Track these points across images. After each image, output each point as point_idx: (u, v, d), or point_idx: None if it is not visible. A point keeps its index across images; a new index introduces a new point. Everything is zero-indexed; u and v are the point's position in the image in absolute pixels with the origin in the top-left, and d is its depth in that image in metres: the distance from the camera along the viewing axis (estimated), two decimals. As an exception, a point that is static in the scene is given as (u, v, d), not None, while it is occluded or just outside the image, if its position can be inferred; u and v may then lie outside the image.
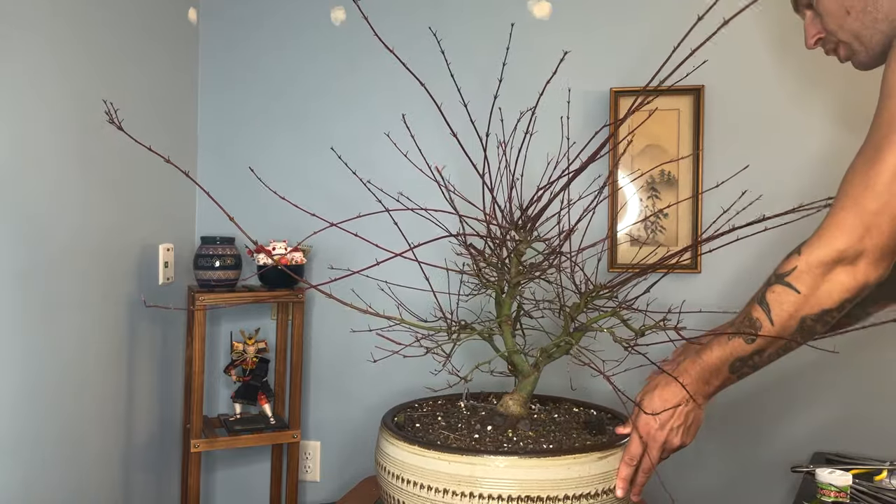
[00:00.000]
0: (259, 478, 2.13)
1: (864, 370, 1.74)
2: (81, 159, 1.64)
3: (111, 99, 1.74)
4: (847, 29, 1.16)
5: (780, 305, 1.09)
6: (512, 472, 1.14)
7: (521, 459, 1.14)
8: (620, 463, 1.21)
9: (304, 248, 1.91)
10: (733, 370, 1.16)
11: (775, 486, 1.79)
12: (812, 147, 1.77)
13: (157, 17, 1.93)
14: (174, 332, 2.05)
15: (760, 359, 1.14)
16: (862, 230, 1.03)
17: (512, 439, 1.25)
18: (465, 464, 1.15)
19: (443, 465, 1.16)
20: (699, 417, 1.22)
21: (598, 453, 1.19)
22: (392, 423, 1.32)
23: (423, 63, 2.01)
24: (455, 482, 1.15)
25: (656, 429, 1.19)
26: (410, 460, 1.20)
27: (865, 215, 1.03)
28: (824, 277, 1.06)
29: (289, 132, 2.09)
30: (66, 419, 1.61)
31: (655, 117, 1.80)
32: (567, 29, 1.92)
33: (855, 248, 1.04)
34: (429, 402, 1.49)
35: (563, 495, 1.14)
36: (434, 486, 1.17)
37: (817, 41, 1.23)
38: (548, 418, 1.36)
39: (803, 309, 1.08)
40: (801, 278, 1.08)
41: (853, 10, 1.14)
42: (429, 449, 1.19)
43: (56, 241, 1.57)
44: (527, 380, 1.34)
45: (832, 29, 1.18)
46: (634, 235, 1.85)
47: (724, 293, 1.79)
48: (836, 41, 1.20)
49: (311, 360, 2.10)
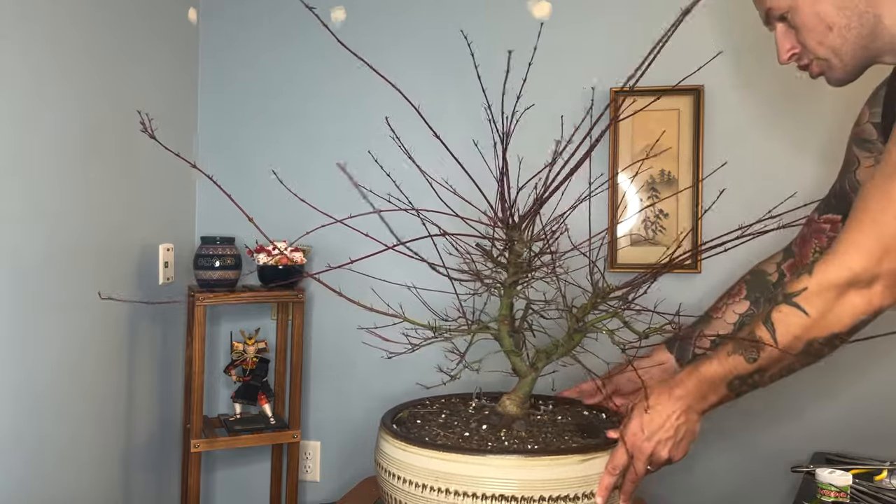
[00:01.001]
0: (259, 478, 2.13)
1: (864, 370, 1.74)
2: (82, 159, 1.64)
3: (112, 99, 1.74)
4: (827, 45, 1.11)
5: (787, 327, 1.03)
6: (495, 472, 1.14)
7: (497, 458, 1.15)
8: (604, 471, 1.17)
9: (303, 248, 1.91)
10: (732, 388, 1.11)
11: (775, 486, 1.78)
12: (812, 147, 1.77)
13: (157, 17, 1.93)
14: (174, 332, 2.05)
15: (761, 378, 1.09)
16: (880, 252, 0.97)
17: (500, 439, 1.25)
18: (462, 463, 1.16)
19: (438, 464, 1.17)
20: (692, 431, 1.16)
21: (580, 456, 1.17)
22: (391, 423, 1.32)
23: (424, 62, 2.01)
24: (455, 481, 1.15)
25: (643, 439, 1.14)
26: (408, 459, 1.20)
27: (885, 238, 0.96)
28: (836, 300, 1.00)
29: (289, 132, 2.09)
30: (66, 419, 1.61)
31: (655, 117, 1.80)
32: (567, 29, 1.92)
33: (871, 272, 0.98)
34: (440, 399, 1.49)
35: (548, 496, 1.14)
36: (434, 485, 1.17)
37: (791, 55, 1.17)
38: (550, 419, 1.36)
39: (811, 332, 1.02)
40: (811, 300, 1.01)
41: (836, 27, 1.09)
42: (423, 447, 1.19)
43: (56, 240, 1.57)
44: (524, 380, 1.34)
45: (809, 44, 1.13)
46: (634, 235, 1.85)
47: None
48: (812, 57, 1.15)
49: (311, 360, 2.10)
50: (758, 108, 1.80)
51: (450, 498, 1.15)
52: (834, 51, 1.11)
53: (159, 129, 1.95)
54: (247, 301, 1.89)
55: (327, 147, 2.07)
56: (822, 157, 1.76)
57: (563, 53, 1.90)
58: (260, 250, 1.88)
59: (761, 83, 1.80)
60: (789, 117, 1.79)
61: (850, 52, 1.11)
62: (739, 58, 1.80)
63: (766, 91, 1.80)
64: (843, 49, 1.11)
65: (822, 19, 1.10)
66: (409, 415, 1.40)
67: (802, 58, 1.17)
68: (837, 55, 1.12)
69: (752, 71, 1.80)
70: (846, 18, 1.09)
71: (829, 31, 1.10)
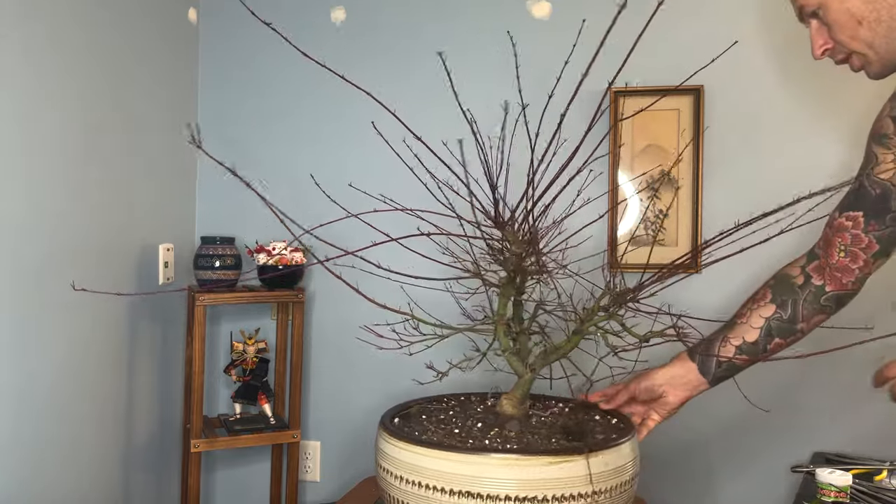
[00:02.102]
0: (259, 478, 2.13)
1: (864, 370, 1.74)
2: (82, 159, 1.64)
3: (112, 99, 1.74)
4: (860, 39, 1.13)
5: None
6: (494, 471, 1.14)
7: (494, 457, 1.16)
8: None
9: (303, 248, 1.91)
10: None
11: (775, 486, 1.78)
12: (812, 147, 1.77)
13: (157, 16, 1.93)
14: (174, 332, 2.05)
15: None
16: None
17: (488, 438, 1.26)
18: (459, 462, 1.16)
19: (434, 462, 1.17)
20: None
21: (549, 458, 1.16)
22: (390, 422, 1.33)
23: (424, 61, 2.01)
24: (455, 481, 1.15)
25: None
26: (407, 458, 1.20)
27: None
28: None
29: (289, 131, 2.09)
30: (66, 419, 1.61)
31: (655, 117, 1.80)
32: (567, 29, 1.92)
33: None
34: (458, 397, 1.49)
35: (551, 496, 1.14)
36: (433, 484, 1.17)
37: (825, 51, 1.19)
38: (547, 421, 1.36)
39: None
40: None
41: (865, 21, 1.11)
42: (419, 446, 1.19)
43: (56, 240, 1.57)
44: (521, 380, 1.34)
45: (842, 39, 1.15)
46: (634, 236, 1.85)
47: (725, 294, 1.79)
48: (848, 51, 1.16)
49: (311, 360, 2.10)
50: (758, 107, 1.80)
51: (452, 498, 1.16)
52: (868, 44, 1.13)
53: (160, 129, 1.96)
54: (247, 301, 1.89)
55: (327, 147, 2.07)
56: (823, 157, 1.76)
57: (562, 53, 1.90)
58: (260, 250, 1.88)
59: (761, 83, 1.80)
60: (790, 117, 1.79)
61: (883, 45, 1.12)
62: (739, 58, 1.80)
63: (766, 91, 1.80)
64: (875, 42, 1.12)
65: (852, 14, 1.12)
66: (418, 410, 1.41)
67: (837, 53, 1.19)
68: (872, 48, 1.13)
69: (753, 71, 1.80)
70: (875, 12, 1.10)
71: (858, 25, 1.12)
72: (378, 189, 1.59)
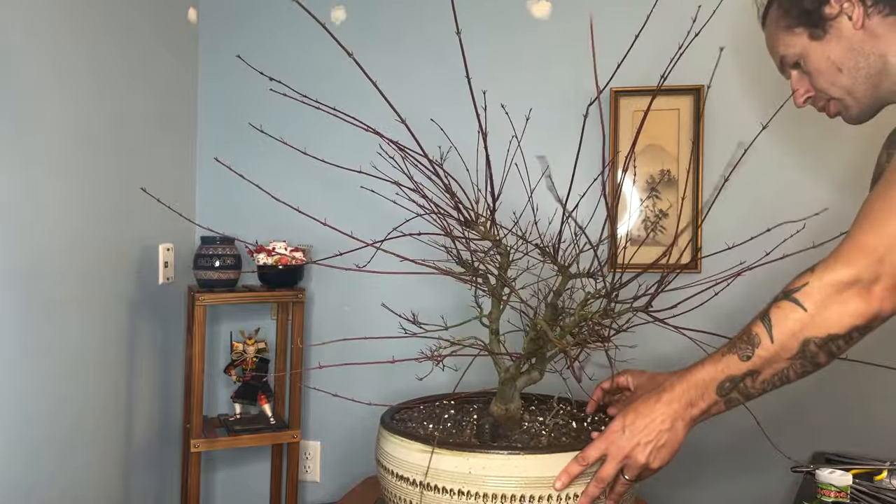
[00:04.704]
0: (259, 478, 2.13)
1: (864, 370, 1.74)
2: (82, 159, 1.64)
3: (112, 99, 1.74)
4: (839, 85, 1.15)
5: (784, 322, 1.02)
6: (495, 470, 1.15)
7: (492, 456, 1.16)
8: (572, 460, 1.14)
9: (303, 248, 1.91)
10: (721, 392, 1.07)
11: (775, 486, 1.78)
12: (812, 147, 1.77)
13: (157, 17, 1.93)
14: (174, 332, 2.05)
15: (753, 383, 1.07)
16: (883, 252, 0.97)
17: (470, 437, 1.28)
18: (460, 461, 1.16)
19: (435, 460, 1.17)
20: (674, 441, 1.10)
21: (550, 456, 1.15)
22: (391, 421, 1.33)
23: (424, 61, 2.01)
24: (455, 479, 1.16)
25: (623, 438, 1.10)
26: (408, 457, 1.21)
27: (887, 238, 0.98)
28: (835, 298, 0.99)
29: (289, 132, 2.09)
30: (66, 419, 1.61)
31: (655, 117, 1.79)
32: (566, 29, 1.92)
33: (873, 271, 0.98)
34: (458, 396, 1.50)
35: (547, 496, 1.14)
36: (434, 483, 1.17)
37: (807, 99, 1.21)
38: (545, 421, 1.37)
39: (808, 329, 1.01)
40: (811, 295, 1.01)
41: (845, 68, 1.13)
42: (420, 444, 1.20)
43: (56, 241, 1.57)
44: (516, 381, 1.35)
45: (823, 86, 1.17)
46: (634, 236, 1.85)
47: (725, 294, 1.78)
48: (828, 98, 1.18)
49: (311, 361, 2.09)
50: (758, 107, 1.80)
51: (453, 497, 1.16)
52: (847, 90, 1.15)
53: (160, 129, 1.96)
54: (247, 301, 1.89)
55: (328, 147, 2.06)
56: (823, 157, 1.76)
57: (562, 53, 1.90)
58: (260, 250, 1.88)
59: (761, 83, 1.80)
60: (789, 117, 1.79)
61: (862, 91, 1.14)
62: (739, 58, 1.80)
63: (766, 91, 1.80)
64: (854, 88, 1.14)
65: (833, 62, 1.14)
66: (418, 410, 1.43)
67: (818, 100, 1.20)
68: (851, 94, 1.15)
69: (752, 71, 1.80)
70: (854, 59, 1.12)
71: (839, 72, 1.14)
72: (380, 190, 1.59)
